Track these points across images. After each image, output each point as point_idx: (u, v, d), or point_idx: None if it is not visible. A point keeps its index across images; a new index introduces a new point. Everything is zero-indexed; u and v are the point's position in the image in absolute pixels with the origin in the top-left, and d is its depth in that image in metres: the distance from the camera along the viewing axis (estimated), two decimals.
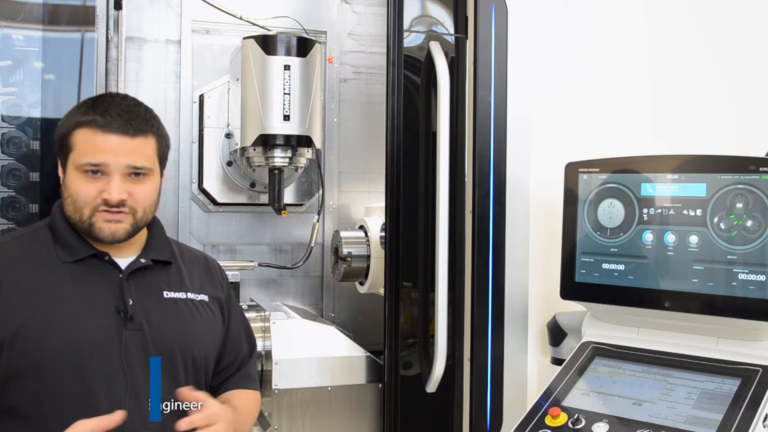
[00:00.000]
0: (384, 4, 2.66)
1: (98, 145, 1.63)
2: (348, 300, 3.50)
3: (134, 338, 1.63)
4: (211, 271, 1.88)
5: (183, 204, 3.36)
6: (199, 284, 1.81)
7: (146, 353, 1.63)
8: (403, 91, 2.58)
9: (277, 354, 2.66)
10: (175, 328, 1.69)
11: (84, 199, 1.63)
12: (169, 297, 1.72)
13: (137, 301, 1.66)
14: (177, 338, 1.68)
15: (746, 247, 1.87)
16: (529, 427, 1.95)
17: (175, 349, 1.67)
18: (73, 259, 1.66)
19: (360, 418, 2.73)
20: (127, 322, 1.63)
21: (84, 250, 1.67)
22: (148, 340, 1.64)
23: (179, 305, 1.73)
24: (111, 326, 1.62)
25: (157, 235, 1.81)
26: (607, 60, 2.72)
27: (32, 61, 2.56)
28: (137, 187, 1.67)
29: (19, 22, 2.55)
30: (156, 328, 1.66)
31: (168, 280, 1.76)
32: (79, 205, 1.64)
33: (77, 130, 1.65)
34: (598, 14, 2.73)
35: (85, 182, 1.63)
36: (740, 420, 1.75)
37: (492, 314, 2.55)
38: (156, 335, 1.65)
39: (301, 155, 3.09)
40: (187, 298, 1.75)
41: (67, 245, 1.67)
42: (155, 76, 3.32)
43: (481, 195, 2.55)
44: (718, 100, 2.85)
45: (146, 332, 1.64)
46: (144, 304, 1.67)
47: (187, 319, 1.73)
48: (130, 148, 1.65)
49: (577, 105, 2.65)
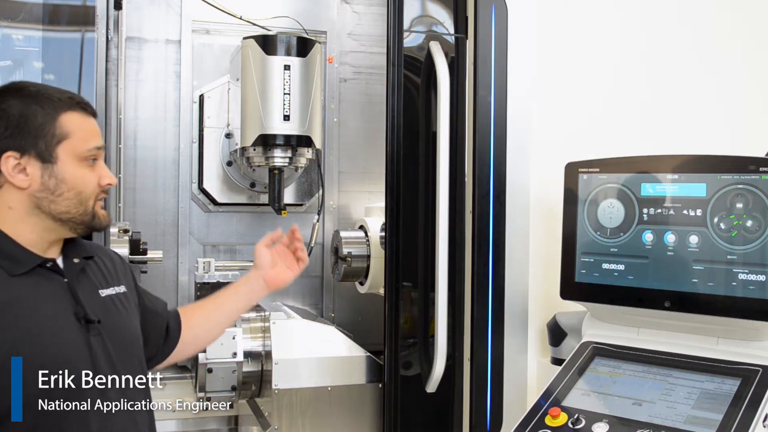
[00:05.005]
0: (384, 4, 2.66)
1: (92, 128, 1.57)
2: (348, 300, 3.50)
3: (98, 343, 1.56)
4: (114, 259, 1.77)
5: (183, 204, 3.36)
6: (115, 275, 1.72)
7: (109, 356, 1.57)
8: (403, 91, 2.58)
9: (277, 354, 2.66)
10: (121, 325, 1.63)
11: (91, 190, 1.56)
12: (105, 295, 1.64)
13: (88, 303, 1.58)
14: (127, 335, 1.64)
15: (746, 247, 1.87)
16: (529, 427, 1.95)
17: (128, 347, 1.63)
18: (23, 270, 1.51)
19: (360, 418, 2.73)
20: (90, 327, 1.55)
21: (32, 258, 1.53)
22: (108, 342, 1.57)
23: (115, 302, 1.66)
24: (79, 335, 1.53)
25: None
26: (607, 60, 2.72)
27: (32, 61, 2.56)
28: None
29: (19, 22, 2.55)
30: (108, 328, 1.58)
31: (97, 277, 1.66)
32: (86, 197, 1.56)
33: (63, 115, 1.53)
34: (598, 14, 2.73)
35: (89, 171, 1.56)
36: (740, 420, 1.75)
37: (492, 314, 2.55)
38: (112, 337, 1.58)
39: (301, 155, 3.09)
40: (116, 293, 1.67)
41: (11, 257, 1.51)
42: (155, 76, 3.32)
43: (481, 195, 2.55)
44: (719, 101, 2.85)
45: (104, 336, 1.57)
46: (91, 306, 1.58)
47: (124, 315, 1.67)
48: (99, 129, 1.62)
49: (577, 105, 2.65)
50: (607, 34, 2.73)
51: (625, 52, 2.75)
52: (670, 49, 2.81)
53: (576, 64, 2.68)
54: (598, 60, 2.71)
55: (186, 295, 3.33)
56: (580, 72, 2.68)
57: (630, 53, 2.76)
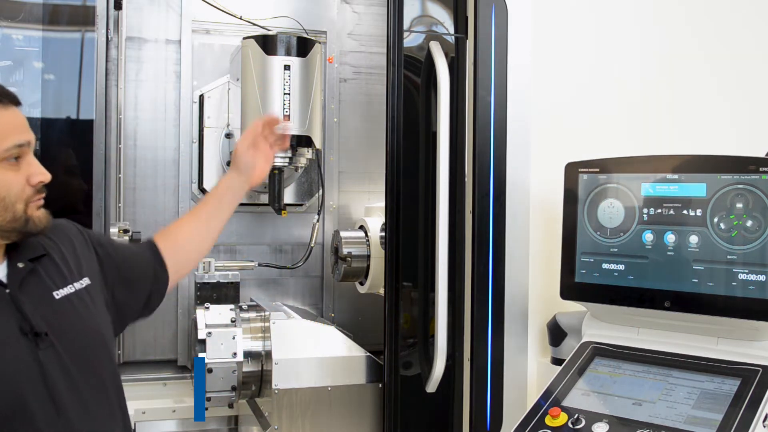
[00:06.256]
0: (384, 4, 2.66)
1: (13, 123, 1.41)
2: (348, 300, 3.50)
3: (50, 357, 1.41)
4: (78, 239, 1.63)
5: (183, 204, 3.36)
6: (76, 265, 1.57)
7: (65, 369, 1.43)
8: (403, 91, 2.58)
9: (277, 354, 2.66)
10: (80, 329, 1.50)
11: (16, 194, 1.40)
12: (61, 296, 1.50)
13: (35, 313, 1.42)
14: (87, 339, 1.51)
15: (746, 247, 1.87)
16: (529, 427, 1.95)
17: (89, 351, 1.50)
18: None
19: (360, 418, 2.73)
20: (39, 341, 1.40)
21: None
22: (63, 353, 1.44)
23: (73, 302, 1.51)
24: (25, 352, 1.39)
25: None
26: (607, 60, 2.72)
27: (32, 61, 2.56)
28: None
29: (19, 22, 2.55)
30: (65, 337, 1.45)
31: (51, 277, 1.51)
32: (11, 202, 1.39)
33: None
34: (598, 14, 2.72)
35: (12, 172, 1.40)
36: (740, 420, 1.75)
37: (492, 314, 2.55)
38: (69, 346, 1.45)
39: (301, 155, 3.09)
40: (75, 291, 1.53)
41: None
42: (155, 76, 3.32)
43: (481, 195, 2.55)
44: (720, 101, 2.85)
45: (59, 346, 1.43)
46: (42, 314, 1.44)
47: (84, 315, 1.53)
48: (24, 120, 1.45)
49: (578, 105, 2.65)
50: (608, 34, 2.73)
51: (627, 51, 2.75)
52: (672, 49, 2.80)
53: (577, 64, 2.68)
54: (599, 60, 2.71)
55: (186, 295, 3.33)
56: (580, 71, 2.68)
57: (632, 53, 2.76)
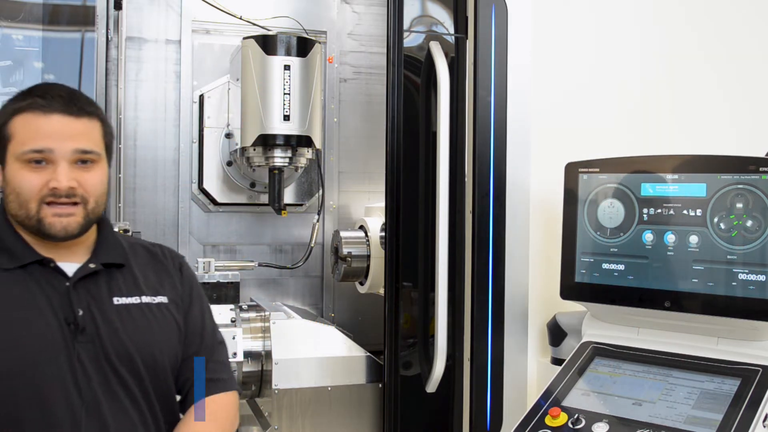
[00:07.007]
0: (384, 4, 2.66)
1: (41, 130, 1.49)
2: (348, 300, 3.50)
3: (87, 351, 1.51)
4: (168, 267, 1.73)
5: (183, 204, 3.36)
6: (156, 285, 1.67)
7: (101, 366, 1.52)
8: (403, 91, 2.58)
9: (277, 354, 2.66)
10: (129, 336, 1.57)
11: (29, 192, 1.49)
12: (120, 303, 1.59)
13: (87, 311, 1.54)
14: (135, 346, 1.57)
15: (746, 247, 1.87)
16: (529, 427, 1.95)
17: (135, 358, 1.56)
18: (14, 265, 1.52)
19: (360, 418, 2.73)
20: (78, 334, 1.51)
21: (27, 255, 1.53)
22: (101, 352, 1.52)
23: (131, 311, 1.60)
24: (60, 340, 1.49)
25: (107, 235, 1.66)
26: (607, 60, 2.72)
27: (32, 61, 2.56)
28: (86, 175, 1.53)
29: (19, 22, 2.55)
30: (109, 338, 1.54)
31: (119, 284, 1.62)
32: (24, 200, 1.49)
33: (15, 117, 1.51)
34: (598, 14, 2.72)
35: (29, 173, 1.49)
36: (740, 420, 1.75)
37: (492, 314, 2.55)
38: (111, 346, 1.54)
39: (301, 155, 3.09)
40: (141, 302, 1.62)
41: (8, 251, 1.53)
42: (155, 76, 3.32)
43: (481, 195, 2.55)
44: (720, 101, 2.85)
45: (99, 344, 1.53)
46: (94, 313, 1.55)
47: (141, 325, 1.60)
48: (76, 131, 1.51)
49: (577, 105, 2.65)
50: (608, 34, 2.72)
51: (627, 51, 2.75)
52: (672, 49, 2.80)
53: (576, 64, 2.68)
54: (599, 60, 2.71)
55: None
56: (580, 71, 2.68)
57: (632, 53, 2.76)
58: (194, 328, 1.72)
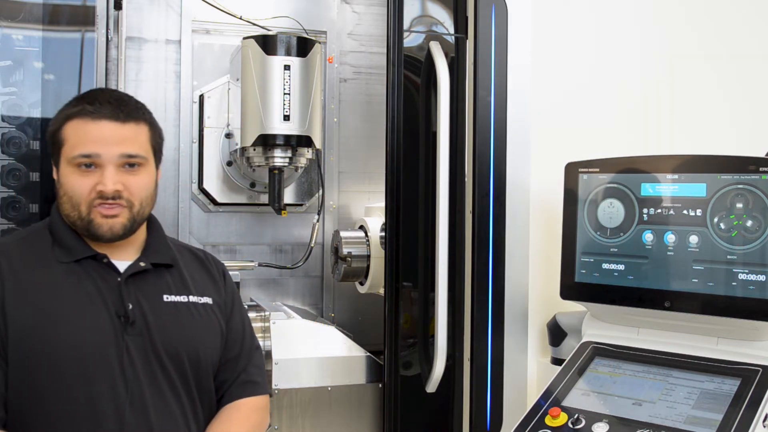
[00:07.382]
0: (384, 4, 2.66)
1: (89, 135, 1.59)
2: (348, 300, 3.50)
3: (136, 344, 1.59)
4: (212, 272, 1.83)
5: (183, 204, 3.35)
6: (202, 286, 1.77)
7: (148, 359, 1.59)
8: (403, 91, 2.58)
9: (277, 354, 2.66)
10: (177, 332, 1.65)
11: (79, 195, 1.60)
12: (169, 301, 1.68)
13: (137, 305, 1.62)
14: (182, 342, 1.64)
15: (746, 247, 1.87)
16: (529, 427, 1.95)
17: (182, 354, 1.63)
18: (70, 259, 1.62)
19: (360, 418, 2.73)
20: (128, 327, 1.59)
21: (82, 250, 1.63)
22: (150, 345, 1.61)
23: (180, 309, 1.69)
24: (110, 331, 1.58)
25: (157, 237, 1.77)
26: (607, 60, 2.72)
27: (32, 61, 2.56)
28: (132, 178, 1.62)
29: (19, 22, 2.54)
30: (158, 333, 1.62)
31: (169, 283, 1.71)
32: (76, 202, 1.60)
33: (67, 123, 1.62)
34: (598, 14, 2.72)
35: (79, 177, 1.59)
36: (740, 420, 1.75)
37: (492, 314, 2.55)
38: (159, 340, 1.61)
39: (301, 155, 3.09)
40: (188, 301, 1.71)
41: (65, 246, 1.63)
42: (155, 76, 3.31)
43: (481, 195, 2.55)
44: (720, 101, 2.85)
45: (148, 338, 1.61)
46: (143, 308, 1.63)
47: (188, 323, 1.69)
48: (122, 136, 1.61)
49: (577, 105, 2.65)
50: (608, 34, 2.73)
51: (627, 51, 2.75)
52: (672, 49, 2.80)
53: (576, 64, 2.68)
54: (599, 60, 2.71)
55: None
56: (580, 71, 2.68)
57: (632, 53, 2.76)
58: (235, 334, 1.79)
